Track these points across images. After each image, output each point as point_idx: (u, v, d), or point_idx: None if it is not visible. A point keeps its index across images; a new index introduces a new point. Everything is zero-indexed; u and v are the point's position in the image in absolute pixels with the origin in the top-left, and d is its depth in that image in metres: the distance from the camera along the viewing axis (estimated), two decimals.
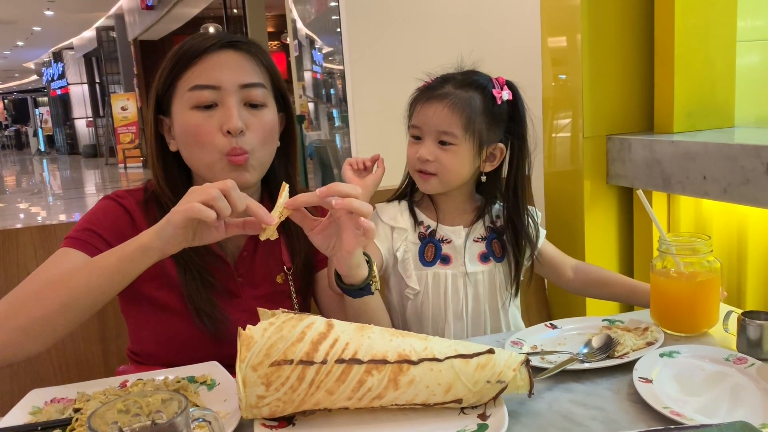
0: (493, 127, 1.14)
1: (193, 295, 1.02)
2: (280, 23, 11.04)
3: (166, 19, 11.89)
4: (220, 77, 0.99)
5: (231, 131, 0.98)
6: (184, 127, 1.01)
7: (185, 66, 1.00)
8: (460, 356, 0.76)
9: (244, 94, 1.01)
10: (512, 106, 1.16)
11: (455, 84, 1.14)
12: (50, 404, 0.85)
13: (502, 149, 1.17)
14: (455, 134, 1.12)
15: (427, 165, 1.14)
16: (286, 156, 1.13)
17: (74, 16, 14.19)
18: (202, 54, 1.00)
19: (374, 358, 0.75)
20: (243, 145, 1.00)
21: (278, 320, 0.76)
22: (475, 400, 0.77)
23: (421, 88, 1.18)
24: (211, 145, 0.99)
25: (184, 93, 1.01)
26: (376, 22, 2.11)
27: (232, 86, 1.00)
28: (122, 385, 0.89)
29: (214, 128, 0.99)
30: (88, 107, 19.28)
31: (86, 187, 11.87)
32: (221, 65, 1.00)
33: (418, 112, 1.15)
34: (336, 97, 6.61)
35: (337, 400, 0.75)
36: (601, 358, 0.91)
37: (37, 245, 1.35)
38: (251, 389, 0.73)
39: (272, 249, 1.11)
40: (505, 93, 1.14)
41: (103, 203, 1.07)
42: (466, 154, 1.13)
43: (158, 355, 1.05)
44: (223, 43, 1.01)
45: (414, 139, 1.17)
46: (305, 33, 6.33)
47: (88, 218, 1.04)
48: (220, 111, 1.00)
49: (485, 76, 1.16)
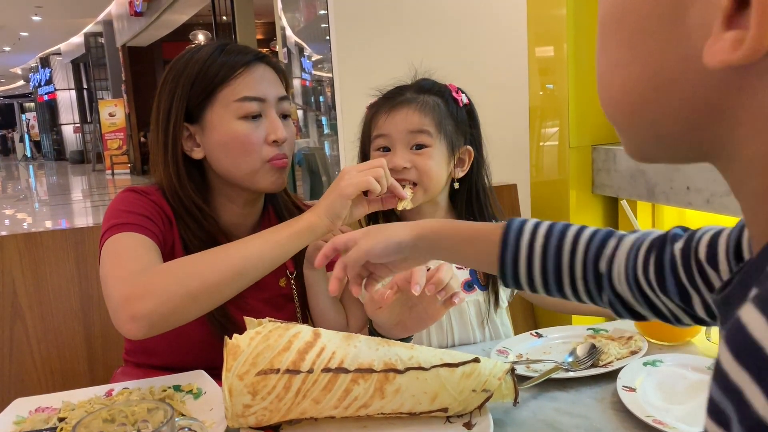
0: (458, 130, 1.12)
1: None
2: (269, 30, 11.05)
3: (155, 26, 11.86)
4: (265, 90, 1.06)
5: (278, 140, 1.05)
6: (230, 136, 1.04)
7: (226, 77, 1.03)
8: (446, 365, 0.77)
9: (279, 107, 1.08)
10: (469, 112, 1.15)
11: (415, 90, 1.12)
12: (35, 413, 0.84)
13: (471, 152, 1.14)
14: (430, 132, 1.08)
15: (404, 173, 1.07)
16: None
17: (62, 21, 14.13)
18: (245, 66, 1.04)
19: (360, 367, 0.75)
20: (284, 151, 1.07)
21: (265, 329, 0.76)
22: (460, 409, 0.77)
23: (376, 102, 1.15)
24: (257, 154, 1.05)
25: (228, 103, 1.03)
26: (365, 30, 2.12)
27: (274, 99, 1.07)
28: (108, 394, 0.89)
29: (261, 138, 1.05)
30: (76, 113, 19.16)
31: (73, 194, 11.78)
32: (263, 78, 1.06)
33: (384, 122, 1.10)
34: (325, 104, 6.62)
35: (324, 409, 0.75)
36: (585, 366, 0.92)
37: (23, 253, 1.35)
38: (237, 398, 0.73)
39: None
40: (463, 96, 1.14)
41: (126, 194, 1.06)
42: (442, 156, 1.09)
43: (158, 352, 1.06)
44: (259, 57, 1.08)
45: (381, 151, 1.11)
46: (294, 40, 6.34)
47: (119, 206, 1.01)
48: (265, 122, 1.06)
49: (440, 83, 1.15)
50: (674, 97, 0.31)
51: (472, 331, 1.14)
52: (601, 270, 0.67)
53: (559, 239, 0.69)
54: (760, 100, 0.28)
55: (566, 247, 0.69)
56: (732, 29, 0.27)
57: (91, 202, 10.36)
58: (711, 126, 0.31)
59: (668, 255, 0.61)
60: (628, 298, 0.66)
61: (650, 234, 0.66)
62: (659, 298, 0.62)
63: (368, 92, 1.19)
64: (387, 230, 0.79)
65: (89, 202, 10.40)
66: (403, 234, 0.77)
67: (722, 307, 0.33)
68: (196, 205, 1.06)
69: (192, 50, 1.09)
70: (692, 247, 0.59)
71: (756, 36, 0.26)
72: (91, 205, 10.05)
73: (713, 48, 0.28)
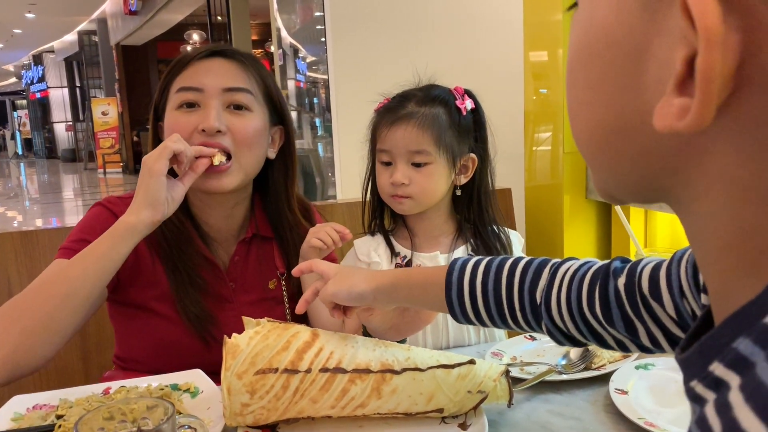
0: (461, 138, 1.14)
1: (183, 298, 1.03)
2: (265, 31, 11.04)
3: (150, 25, 11.83)
4: (204, 80, 1.03)
5: (206, 130, 1.00)
6: (167, 125, 1.05)
7: (177, 72, 1.05)
8: (442, 366, 0.78)
9: (227, 97, 1.03)
10: (475, 114, 1.16)
11: (417, 101, 1.13)
12: (32, 411, 0.84)
13: (474, 159, 1.16)
14: (429, 152, 1.10)
15: (402, 189, 1.12)
16: (285, 169, 1.14)
17: (56, 19, 14.07)
18: (191, 60, 1.05)
19: (358, 368, 0.76)
20: (221, 141, 1.01)
21: (264, 329, 0.77)
22: (456, 410, 0.78)
23: (380, 109, 1.16)
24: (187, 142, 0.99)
25: (172, 96, 1.04)
26: (361, 32, 2.14)
27: (215, 89, 1.02)
28: (105, 392, 0.89)
29: (192, 126, 1.01)
30: (68, 111, 19.07)
31: (64, 192, 11.72)
32: (207, 70, 1.04)
33: (385, 137, 1.13)
34: (319, 105, 6.62)
35: (321, 409, 0.76)
36: (578, 369, 0.93)
37: (18, 250, 1.35)
38: (236, 397, 0.74)
39: (265, 254, 1.12)
40: (468, 102, 1.15)
41: (95, 211, 1.08)
42: (442, 170, 1.12)
43: (146, 361, 1.06)
44: (211, 51, 1.06)
45: (384, 165, 1.15)
46: (289, 42, 6.34)
47: (81, 227, 1.05)
48: (201, 111, 1.02)
49: (444, 89, 1.16)
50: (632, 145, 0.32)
51: (467, 332, 1.15)
52: (538, 301, 0.70)
53: (497, 274, 0.73)
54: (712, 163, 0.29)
55: (503, 281, 0.72)
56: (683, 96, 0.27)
57: (82, 201, 10.30)
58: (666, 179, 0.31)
59: (612, 289, 0.63)
60: (569, 328, 0.68)
61: (589, 264, 0.68)
62: (606, 329, 0.65)
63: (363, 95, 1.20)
64: (353, 278, 0.82)
65: (80, 201, 10.34)
66: (365, 286, 0.81)
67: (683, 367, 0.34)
68: None
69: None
70: (635, 282, 0.61)
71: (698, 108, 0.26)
72: (83, 203, 10.00)
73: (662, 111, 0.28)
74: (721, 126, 0.27)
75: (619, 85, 0.31)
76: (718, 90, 0.26)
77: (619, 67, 0.31)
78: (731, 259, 0.31)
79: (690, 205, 0.32)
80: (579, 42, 0.33)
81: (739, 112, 0.27)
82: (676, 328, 0.59)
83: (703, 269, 0.34)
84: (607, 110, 0.32)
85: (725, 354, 0.28)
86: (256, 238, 1.14)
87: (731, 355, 0.28)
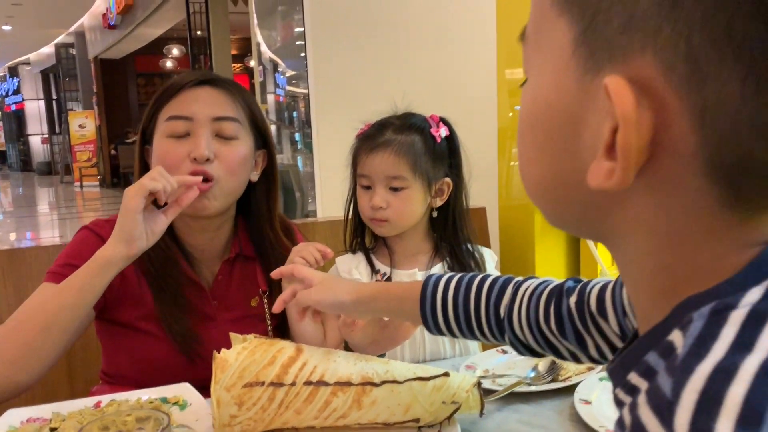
0: (437, 164, 1.20)
1: (168, 318, 1.07)
2: (245, 46, 11.08)
3: (129, 39, 11.81)
4: (194, 109, 1.07)
5: (197, 158, 1.04)
6: (157, 153, 1.08)
7: (166, 100, 1.08)
8: (419, 379, 0.83)
9: (216, 126, 1.07)
10: (450, 141, 1.23)
11: (394, 129, 1.19)
12: (26, 424, 0.88)
13: (449, 183, 1.23)
14: (405, 177, 1.17)
15: (380, 212, 1.19)
16: (267, 191, 1.18)
17: (33, 31, 13.97)
18: (181, 89, 1.08)
19: (340, 381, 0.81)
20: (208, 169, 1.05)
21: (251, 345, 0.82)
22: (431, 420, 0.84)
23: (360, 136, 1.23)
24: (177, 170, 1.04)
25: (161, 123, 1.08)
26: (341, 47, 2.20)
27: (205, 118, 1.06)
28: (96, 405, 0.93)
29: (182, 155, 1.05)
30: (44, 124, 18.87)
31: (39, 206, 11.55)
32: (196, 99, 1.08)
33: (364, 162, 1.20)
34: (298, 120, 6.66)
35: (305, 420, 0.81)
36: (546, 381, 0.99)
37: (6, 268, 1.37)
38: (225, 409, 0.79)
39: (248, 272, 1.17)
40: (442, 130, 1.21)
41: (81, 235, 1.11)
42: (417, 195, 1.19)
43: (132, 377, 1.09)
44: (201, 79, 1.10)
45: (364, 188, 1.22)
46: (269, 56, 6.40)
47: (68, 252, 1.08)
48: (191, 140, 1.06)
49: (420, 117, 1.23)
50: (571, 197, 0.38)
51: (443, 346, 1.21)
52: (501, 316, 0.77)
53: (466, 290, 0.80)
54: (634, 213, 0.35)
55: (472, 296, 0.79)
56: (610, 160, 0.33)
57: (58, 215, 10.18)
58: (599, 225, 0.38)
59: (565, 307, 0.70)
60: (528, 340, 0.75)
61: (546, 283, 0.75)
62: (560, 342, 0.72)
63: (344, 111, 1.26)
64: (337, 287, 0.88)
65: (56, 215, 10.22)
66: (347, 296, 0.87)
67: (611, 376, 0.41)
68: None
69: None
70: (585, 301, 0.68)
71: (620, 173, 0.32)
72: (58, 217, 9.89)
73: (594, 172, 0.34)
74: (641, 184, 0.34)
75: (559, 148, 0.37)
76: (635, 158, 0.32)
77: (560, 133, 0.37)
78: (652, 290, 0.37)
79: (619, 246, 0.39)
80: (527, 110, 0.40)
81: (654, 173, 0.33)
82: (620, 342, 0.66)
83: (632, 297, 0.41)
84: (550, 168, 0.38)
85: (639, 365, 0.34)
86: (240, 258, 1.18)
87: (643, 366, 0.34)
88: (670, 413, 0.28)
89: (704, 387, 0.28)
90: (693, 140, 0.31)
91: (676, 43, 0.30)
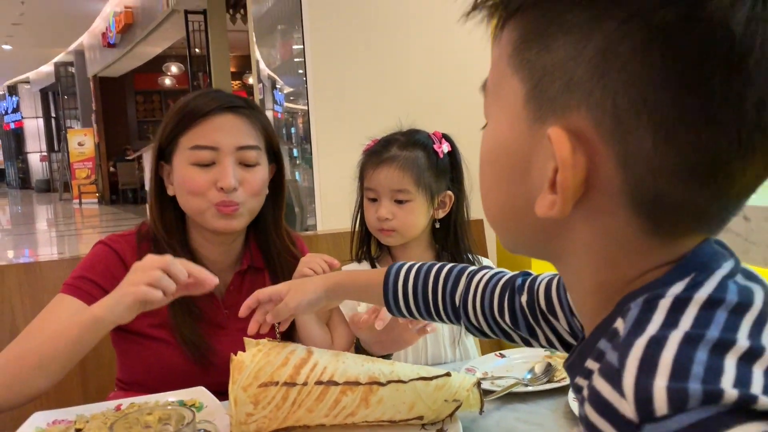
0: (439, 178, 1.27)
1: (181, 327, 1.13)
2: (244, 63, 11.18)
3: (128, 57, 11.91)
4: (219, 139, 1.12)
5: (224, 188, 1.10)
6: (181, 179, 1.13)
7: (188, 125, 1.12)
8: (422, 378, 0.89)
9: (239, 155, 1.13)
10: (451, 156, 1.30)
11: (399, 146, 1.26)
12: (53, 425, 0.93)
13: (451, 196, 1.30)
14: (409, 190, 1.24)
15: (386, 223, 1.25)
16: (274, 201, 1.24)
17: (32, 50, 14.09)
18: (204, 116, 1.12)
19: (348, 380, 0.87)
20: (234, 198, 1.12)
21: (265, 347, 0.88)
22: (434, 417, 0.89)
23: (367, 151, 1.30)
24: (204, 198, 1.12)
25: (185, 150, 1.13)
26: (340, 64, 2.27)
27: (229, 148, 1.12)
28: (117, 408, 0.99)
29: (208, 183, 1.11)
30: (43, 142, 18.94)
31: (38, 223, 11.58)
32: (220, 128, 1.12)
33: (371, 177, 1.27)
34: (297, 135, 6.74)
35: (316, 417, 0.86)
36: (542, 382, 1.05)
37: (23, 281, 1.43)
38: (241, 407, 0.84)
39: (258, 283, 1.22)
40: (444, 146, 1.28)
41: (97, 249, 1.16)
42: (421, 207, 1.25)
43: (147, 384, 1.14)
44: (224, 107, 1.13)
45: (370, 201, 1.28)
46: (267, 73, 6.49)
47: (83, 265, 1.14)
48: (217, 169, 1.12)
49: (424, 134, 1.30)
50: (523, 223, 0.45)
51: (444, 350, 1.27)
52: (457, 304, 0.84)
53: (425, 279, 0.87)
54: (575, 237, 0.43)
55: (429, 284, 0.87)
56: (553, 193, 0.40)
57: (56, 232, 10.21)
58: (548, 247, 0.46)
59: (518, 304, 0.77)
60: (483, 326, 0.82)
61: (499, 276, 0.82)
62: (513, 331, 0.79)
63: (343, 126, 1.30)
64: (305, 288, 0.95)
65: (54, 232, 10.25)
66: (317, 289, 0.94)
67: (569, 371, 0.48)
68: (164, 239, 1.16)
69: (187, 94, 1.21)
70: (534, 299, 0.75)
71: (560, 204, 0.40)
72: (56, 234, 9.91)
73: (540, 203, 0.41)
74: (579, 214, 0.41)
75: (513, 181, 0.44)
76: (572, 193, 0.39)
77: (513, 169, 0.44)
78: (593, 303, 0.45)
79: (566, 265, 0.46)
80: (487, 150, 0.47)
81: (589, 205, 0.40)
82: (569, 336, 0.73)
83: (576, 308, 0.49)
84: (506, 198, 0.46)
85: (593, 352, 0.42)
86: (251, 269, 1.24)
87: (596, 352, 0.41)
88: (619, 377, 0.36)
89: (642, 354, 0.36)
90: (618, 180, 0.39)
91: (604, 104, 0.37)
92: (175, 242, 1.17)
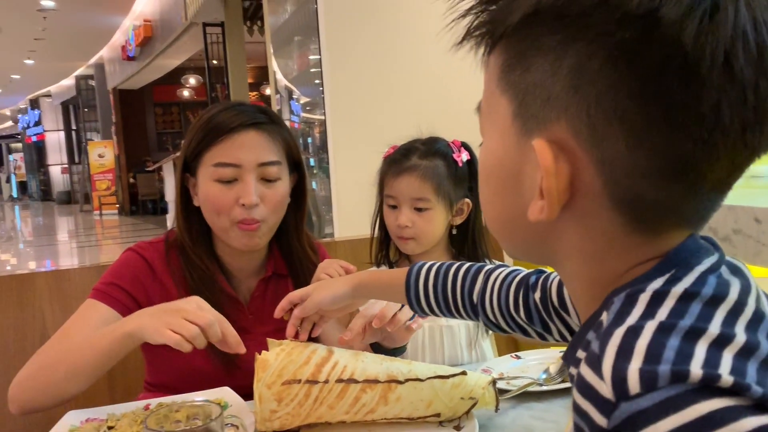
0: (458, 186, 1.30)
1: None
2: (261, 74, 11.32)
3: (147, 70, 12.10)
4: (241, 156, 1.14)
5: (246, 205, 1.14)
6: (205, 196, 1.17)
7: (212, 141, 1.16)
8: (439, 377, 0.92)
9: (261, 171, 1.16)
10: (470, 164, 1.33)
11: (420, 155, 1.29)
12: (86, 423, 0.98)
13: (469, 203, 1.33)
14: (429, 199, 1.27)
15: (406, 231, 1.29)
16: (296, 210, 1.28)
17: (54, 65, 14.35)
18: (228, 133, 1.15)
19: (368, 379, 0.90)
20: (255, 215, 1.15)
21: (288, 347, 0.92)
22: (450, 414, 0.92)
23: (387, 159, 1.33)
24: (227, 215, 1.15)
25: (208, 166, 1.16)
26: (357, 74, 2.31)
27: (251, 165, 1.15)
28: (145, 408, 1.03)
29: (231, 200, 1.14)
30: (64, 154, 19.25)
31: (59, 234, 11.75)
32: (243, 145, 1.15)
33: (392, 185, 1.30)
34: (313, 145, 6.79)
35: (337, 414, 0.90)
36: (557, 382, 1.07)
37: (52, 287, 1.48)
38: (265, 404, 0.88)
39: (281, 289, 1.26)
40: (464, 155, 1.31)
41: (126, 255, 1.21)
42: (440, 215, 1.29)
43: (174, 386, 1.18)
44: (247, 124, 1.16)
45: (390, 208, 1.32)
46: (284, 84, 6.56)
47: (112, 271, 1.18)
48: (239, 186, 1.15)
49: (444, 142, 1.32)
50: (520, 229, 0.49)
51: (461, 352, 1.30)
52: (475, 301, 0.88)
53: (444, 278, 0.91)
54: (565, 239, 0.47)
55: (449, 283, 0.90)
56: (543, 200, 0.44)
57: (77, 243, 10.35)
58: (543, 250, 0.50)
59: (532, 301, 0.81)
60: (500, 322, 0.86)
61: (515, 273, 0.86)
62: (529, 326, 0.83)
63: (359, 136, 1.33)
64: (332, 285, 1.00)
65: (75, 243, 10.39)
66: (344, 287, 0.99)
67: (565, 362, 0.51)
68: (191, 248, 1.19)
69: (211, 106, 1.25)
70: (548, 296, 0.79)
71: (548, 209, 0.44)
72: (77, 245, 10.05)
73: (532, 209, 0.45)
74: (567, 217, 0.45)
75: (507, 192, 0.49)
76: (557, 198, 0.43)
77: (507, 181, 0.48)
78: (586, 298, 0.49)
79: (561, 266, 0.50)
80: (484, 165, 0.52)
81: (575, 208, 0.44)
82: None
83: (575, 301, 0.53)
84: (503, 207, 0.50)
85: (583, 343, 0.45)
86: (274, 276, 1.28)
87: (584, 343, 0.45)
88: (599, 363, 0.40)
89: (620, 342, 0.39)
90: (599, 183, 0.42)
91: (580, 115, 0.41)
92: (201, 251, 1.21)
